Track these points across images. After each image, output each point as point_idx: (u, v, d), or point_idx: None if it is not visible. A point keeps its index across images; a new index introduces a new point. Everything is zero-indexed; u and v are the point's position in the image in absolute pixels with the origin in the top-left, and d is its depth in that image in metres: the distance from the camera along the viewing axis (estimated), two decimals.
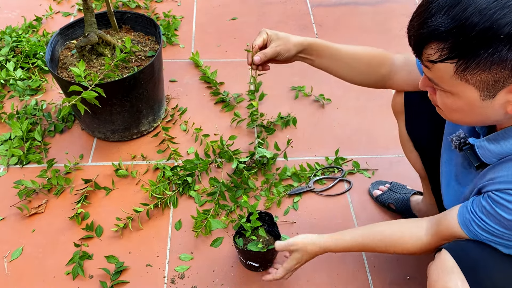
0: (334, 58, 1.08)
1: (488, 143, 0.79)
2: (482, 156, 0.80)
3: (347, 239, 1.00)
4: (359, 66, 1.08)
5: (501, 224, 0.76)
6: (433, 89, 0.78)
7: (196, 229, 1.34)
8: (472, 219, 0.80)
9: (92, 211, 1.40)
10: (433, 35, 0.68)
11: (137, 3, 2.21)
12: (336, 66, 1.09)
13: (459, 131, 0.88)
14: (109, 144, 1.60)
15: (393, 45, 2.08)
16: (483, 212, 0.78)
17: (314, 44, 1.08)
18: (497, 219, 0.76)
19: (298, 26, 2.17)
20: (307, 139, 1.65)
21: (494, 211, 0.76)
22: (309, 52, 1.09)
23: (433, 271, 0.81)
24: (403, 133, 1.18)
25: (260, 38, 1.07)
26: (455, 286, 0.76)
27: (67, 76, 1.49)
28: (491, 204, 0.76)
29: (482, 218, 0.78)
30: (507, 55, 0.65)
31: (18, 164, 1.52)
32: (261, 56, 1.05)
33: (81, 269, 1.24)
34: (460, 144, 0.87)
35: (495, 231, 0.77)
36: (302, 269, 1.27)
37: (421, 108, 1.11)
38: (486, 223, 0.77)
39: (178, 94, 1.79)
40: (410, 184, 1.45)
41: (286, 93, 1.82)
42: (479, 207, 0.79)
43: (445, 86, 0.73)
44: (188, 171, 1.48)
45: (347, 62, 1.08)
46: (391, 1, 2.37)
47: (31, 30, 2.04)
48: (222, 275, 1.26)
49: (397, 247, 0.94)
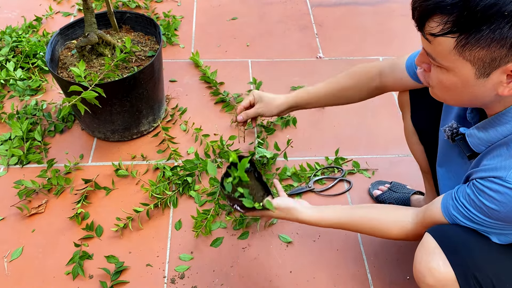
0: (318, 100, 1.21)
1: (477, 131, 0.81)
2: (472, 145, 0.82)
3: (332, 218, 1.03)
4: (345, 94, 1.17)
5: (482, 212, 0.77)
6: (428, 66, 0.78)
7: (196, 229, 1.34)
8: (455, 206, 0.81)
9: (92, 211, 1.40)
10: (439, 7, 0.68)
11: (137, 3, 2.21)
12: (323, 104, 1.23)
13: (451, 122, 0.89)
14: (109, 144, 1.61)
15: (393, 45, 2.09)
16: (466, 199, 0.79)
17: (298, 98, 1.21)
18: (478, 206, 0.77)
19: (298, 26, 2.17)
20: (307, 139, 1.65)
21: (477, 198, 0.77)
22: (295, 107, 1.23)
23: (417, 254, 0.85)
24: (408, 126, 1.18)
25: (246, 100, 1.25)
26: (437, 266, 0.80)
27: (67, 76, 1.49)
28: (475, 191, 0.77)
29: (465, 205, 0.79)
30: (507, 33, 0.65)
31: (18, 164, 1.52)
32: (243, 116, 1.24)
33: (81, 269, 1.24)
34: (452, 134, 0.88)
35: (476, 219, 0.79)
36: (302, 269, 1.27)
37: (427, 99, 1.11)
38: (469, 210, 0.79)
39: (178, 94, 1.79)
40: (410, 184, 1.45)
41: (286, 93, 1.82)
42: (463, 194, 0.80)
43: (443, 61, 0.73)
44: (188, 171, 1.48)
45: (333, 96, 1.19)
46: (391, 1, 2.37)
47: (31, 30, 2.04)
48: (222, 275, 1.26)
49: (382, 231, 0.97)
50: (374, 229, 0.98)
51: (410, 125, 1.18)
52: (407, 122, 1.19)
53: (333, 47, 2.06)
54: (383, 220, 0.97)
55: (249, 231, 1.36)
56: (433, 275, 0.80)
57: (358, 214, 1.01)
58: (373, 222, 0.98)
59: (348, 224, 1.02)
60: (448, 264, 0.79)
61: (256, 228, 1.37)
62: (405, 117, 1.19)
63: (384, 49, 2.05)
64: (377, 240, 1.35)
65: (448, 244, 0.81)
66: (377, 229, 0.98)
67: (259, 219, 1.37)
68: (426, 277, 0.81)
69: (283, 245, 1.33)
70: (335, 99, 1.19)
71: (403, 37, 2.14)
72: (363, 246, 1.34)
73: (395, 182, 1.45)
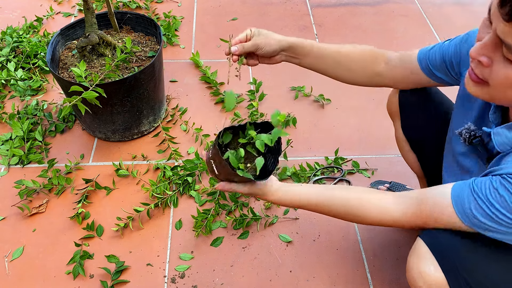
0: (320, 56, 1.07)
1: (508, 131, 0.76)
2: (497, 143, 0.77)
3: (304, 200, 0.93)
4: (347, 64, 1.07)
5: (508, 209, 0.70)
6: (489, 59, 0.69)
7: (196, 228, 1.35)
8: (476, 203, 0.73)
9: (93, 211, 1.40)
10: None
11: (137, 4, 2.22)
12: (323, 64, 1.08)
13: (467, 124, 0.86)
14: (109, 144, 1.61)
15: (393, 45, 2.09)
16: (492, 195, 0.71)
17: (299, 43, 1.07)
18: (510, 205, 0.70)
19: (298, 27, 2.18)
20: (307, 139, 1.65)
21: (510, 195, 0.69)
22: (294, 51, 1.08)
23: (409, 259, 0.84)
24: (399, 134, 1.19)
25: (243, 33, 1.07)
26: (428, 270, 0.79)
27: (67, 76, 1.50)
28: (507, 187, 0.70)
29: (491, 202, 0.72)
30: None
31: (19, 164, 1.53)
32: (239, 47, 1.05)
33: (81, 268, 1.25)
34: (470, 136, 0.84)
35: (501, 218, 0.71)
36: (302, 269, 1.28)
37: (416, 108, 1.11)
38: (495, 209, 0.71)
39: (179, 94, 1.80)
40: (409, 184, 1.46)
41: (286, 93, 1.82)
42: (489, 189, 0.72)
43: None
44: (189, 171, 1.48)
45: (334, 60, 1.07)
46: (391, 2, 2.38)
47: (32, 30, 2.05)
48: (222, 275, 1.26)
49: (359, 216, 0.89)
50: (352, 213, 0.89)
51: (401, 134, 1.18)
52: (397, 131, 1.19)
53: None
54: (363, 204, 0.88)
55: (249, 231, 1.36)
56: (425, 280, 0.80)
57: (336, 196, 0.91)
58: (351, 206, 0.89)
59: (323, 207, 0.92)
60: (439, 268, 0.79)
61: (256, 228, 1.37)
62: (395, 126, 1.20)
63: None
64: (377, 240, 1.35)
65: (439, 249, 0.80)
66: (355, 214, 0.89)
67: (259, 218, 1.38)
68: (417, 281, 0.81)
69: (283, 245, 1.34)
70: (335, 65, 1.08)
71: (403, 37, 2.14)
72: (362, 245, 1.34)
73: (395, 182, 1.45)
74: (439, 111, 1.10)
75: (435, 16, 2.29)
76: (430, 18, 2.28)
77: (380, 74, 1.06)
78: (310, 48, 1.07)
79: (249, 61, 1.10)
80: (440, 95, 1.13)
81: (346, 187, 0.96)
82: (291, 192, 0.94)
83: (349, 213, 0.90)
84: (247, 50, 1.05)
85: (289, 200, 0.95)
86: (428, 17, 2.29)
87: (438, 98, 1.12)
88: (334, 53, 1.07)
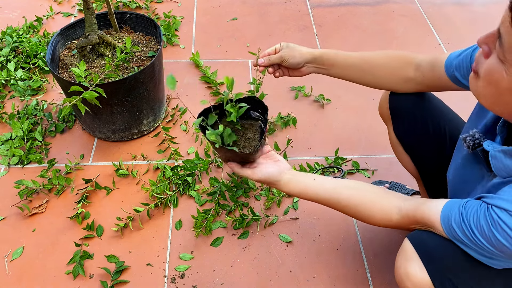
0: (346, 65, 1.11)
1: (504, 156, 0.75)
2: (495, 168, 0.77)
3: (314, 195, 0.98)
4: (372, 70, 1.09)
5: (489, 241, 0.73)
6: (489, 50, 0.70)
7: (196, 228, 1.35)
8: (460, 223, 0.77)
9: (93, 211, 1.40)
10: None
11: (137, 4, 2.22)
12: (350, 73, 1.12)
13: (473, 130, 0.85)
14: (109, 144, 1.61)
15: (393, 45, 2.09)
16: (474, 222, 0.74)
17: (325, 53, 1.12)
18: (487, 236, 0.72)
19: (298, 27, 2.18)
20: (307, 139, 1.65)
21: (488, 227, 0.72)
22: (320, 62, 1.13)
23: (397, 259, 0.86)
24: (392, 137, 1.20)
25: (272, 47, 1.15)
26: (414, 271, 0.81)
27: (67, 76, 1.50)
28: (488, 219, 0.72)
29: (472, 228, 0.74)
30: None
31: (19, 164, 1.53)
32: (266, 60, 1.13)
33: (81, 268, 1.25)
34: (473, 145, 0.84)
35: (479, 243, 0.74)
36: (302, 269, 1.28)
37: (407, 112, 1.12)
38: (474, 234, 0.74)
39: (179, 94, 1.80)
40: (409, 184, 1.46)
41: (286, 93, 1.82)
42: (473, 215, 0.75)
43: (508, 51, 0.65)
44: (189, 171, 1.48)
45: (360, 69, 1.10)
46: (391, 2, 2.38)
47: (31, 30, 2.05)
48: (222, 275, 1.26)
49: (366, 217, 0.94)
50: (358, 213, 0.95)
51: (394, 137, 1.19)
52: (390, 134, 1.20)
53: (333, 47, 2.06)
54: (368, 206, 0.93)
55: (249, 231, 1.36)
56: (410, 280, 0.82)
57: (344, 195, 0.95)
58: (357, 207, 0.94)
59: (331, 203, 0.97)
60: (424, 269, 0.81)
61: (256, 228, 1.37)
62: (388, 130, 1.20)
63: (383, 50, 2.06)
64: (377, 240, 1.35)
65: (424, 250, 0.82)
66: (361, 214, 0.94)
67: (259, 218, 1.38)
68: (404, 281, 0.83)
69: (283, 245, 1.34)
70: (362, 74, 1.10)
71: (402, 38, 2.15)
72: (362, 245, 1.34)
73: (395, 182, 1.45)
74: (431, 115, 1.10)
75: (435, 16, 2.29)
76: (430, 18, 2.28)
77: (411, 80, 1.06)
78: (335, 58, 1.12)
79: (276, 72, 1.18)
80: (433, 99, 1.12)
81: (356, 185, 0.98)
82: (302, 185, 0.98)
83: (356, 215, 0.96)
84: (273, 62, 1.14)
85: (298, 193, 0.99)
86: (428, 17, 2.29)
87: (431, 101, 1.11)
88: (359, 61, 1.10)
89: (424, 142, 1.12)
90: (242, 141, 0.97)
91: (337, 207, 0.97)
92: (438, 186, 1.11)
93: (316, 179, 0.98)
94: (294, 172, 1.00)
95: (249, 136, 0.99)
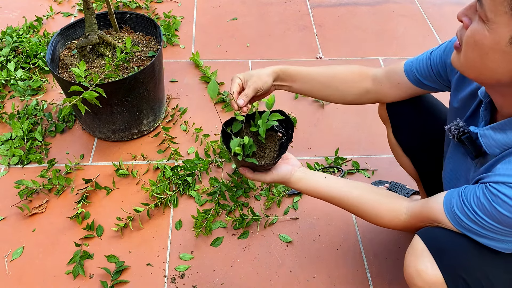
0: (307, 80, 1.11)
1: (493, 132, 0.76)
2: (486, 146, 0.78)
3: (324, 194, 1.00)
4: (334, 84, 1.10)
5: (493, 217, 0.73)
6: (469, 20, 0.71)
7: (196, 228, 1.35)
8: (461, 207, 0.77)
9: (93, 211, 1.40)
10: None
11: (137, 4, 2.22)
12: (311, 87, 1.12)
13: (457, 120, 0.86)
14: (109, 144, 1.61)
15: (393, 45, 2.09)
16: (475, 202, 0.75)
17: (286, 70, 1.10)
18: (489, 211, 0.73)
19: (298, 27, 2.18)
20: (307, 139, 1.65)
21: (489, 203, 0.73)
22: (283, 79, 1.11)
23: (407, 256, 0.85)
24: (391, 139, 1.20)
25: (235, 84, 1.07)
26: (425, 268, 0.80)
27: (67, 76, 1.50)
28: (487, 195, 0.73)
29: (473, 208, 0.75)
30: None
31: (19, 164, 1.53)
32: (244, 98, 1.06)
33: (81, 268, 1.25)
34: (458, 133, 0.84)
35: (484, 223, 0.75)
36: (302, 269, 1.28)
37: (406, 114, 1.12)
38: (477, 214, 0.75)
39: (179, 94, 1.80)
40: (409, 184, 1.46)
41: (286, 93, 1.82)
42: (472, 196, 0.76)
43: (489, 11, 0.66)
44: (189, 171, 1.48)
45: (320, 82, 1.11)
46: (390, 2, 2.38)
47: (31, 30, 2.05)
48: (222, 275, 1.26)
49: (374, 218, 0.96)
50: (366, 214, 0.96)
51: (393, 139, 1.19)
52: (389, 136, 1.20)
53: (333, 47, 2.06)
54: (376, 207, 0.95)
55: (249, 231, 1.36)
56: (422, 277, 0.80)
57: (353, 195, 0.97)
58: (366, 207, 0.96)
59: (341, 203, 0.99)
60: (436, 266, 0.79)
61: (256, 228, 1.37)
62: (387, 131, 1.21)
63: (383, 50, 2.06)
64: (376, 240, 1.35)
65: (436, 247, 0.80)
66: (369, 215, 0.96)
67: (259, 218, 1.38)
68: (415, 279, 0.81)
69: (283, 245, 1.34)
70: (322, 87, 1.11)
71: (402, 38, 2.14)
72: (362, 245, 1.34)
73: (395, 182, 1.45)
74: (429, 116, 1.11)
75: (435, 16, 2.29)
76: (430, 18, 2.28)
77: (369, 91, 1.10)
78: (297, 73, 1.11)
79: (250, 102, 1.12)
80: (431, 99, 1.13)
81: (364, 186, 0.99)
82: (313, 183, 1.00)
83: (364, 215, 0.97)
84: (250, 97, 1.07)
85: (309, 190, 1.00)
86: (428, 17, 2.29)
87: (429, 102, 1.12)
88: (320, 76, 1.11)
89: (423, 145, 1.13)
90: (259, 151, 0.99)
91: (347, 206, 0.98)
92: (438, 187, 1.12)
93: (327, 178, 1.00)
94: (305, 170, 1.02)
95: (267, 146, 1.00)
